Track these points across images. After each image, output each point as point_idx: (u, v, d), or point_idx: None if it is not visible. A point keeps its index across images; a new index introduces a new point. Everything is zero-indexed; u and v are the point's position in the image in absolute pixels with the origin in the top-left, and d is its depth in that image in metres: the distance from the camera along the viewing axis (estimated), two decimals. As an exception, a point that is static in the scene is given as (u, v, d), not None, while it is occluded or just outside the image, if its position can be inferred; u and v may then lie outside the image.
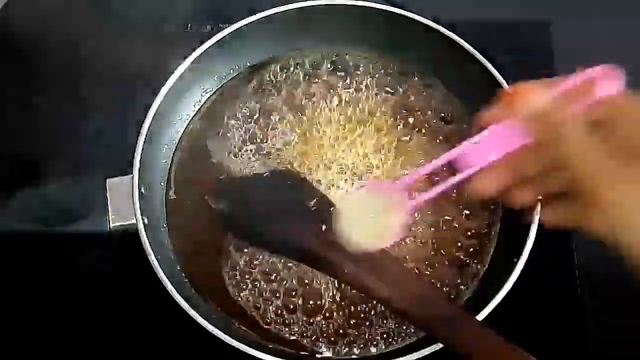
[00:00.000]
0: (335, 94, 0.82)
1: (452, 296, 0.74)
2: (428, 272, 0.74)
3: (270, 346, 0.71)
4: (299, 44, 0.85)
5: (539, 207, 0.70)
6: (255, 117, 0.82)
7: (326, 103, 0.82)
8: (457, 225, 0.76)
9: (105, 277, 0.77)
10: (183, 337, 0.74)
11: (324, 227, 0.71)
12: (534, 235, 0.70)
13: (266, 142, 0.80)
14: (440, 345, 0.66)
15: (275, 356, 0.66)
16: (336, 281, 0.73)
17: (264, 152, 0.79)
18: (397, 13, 0.80)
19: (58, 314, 0.77)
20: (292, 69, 0.84)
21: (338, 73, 0.84)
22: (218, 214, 0.76)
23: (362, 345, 0.72)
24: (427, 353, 0.66)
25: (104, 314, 0.76)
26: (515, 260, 0.69)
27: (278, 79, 0.84)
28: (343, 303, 0.73)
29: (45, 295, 0.77)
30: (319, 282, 0.74)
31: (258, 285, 0.74)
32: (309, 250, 0.71)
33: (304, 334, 0.72)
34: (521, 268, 0.69)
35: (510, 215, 0.76)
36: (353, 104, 0.82)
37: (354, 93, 0.82)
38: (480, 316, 0.67)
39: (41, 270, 0.78)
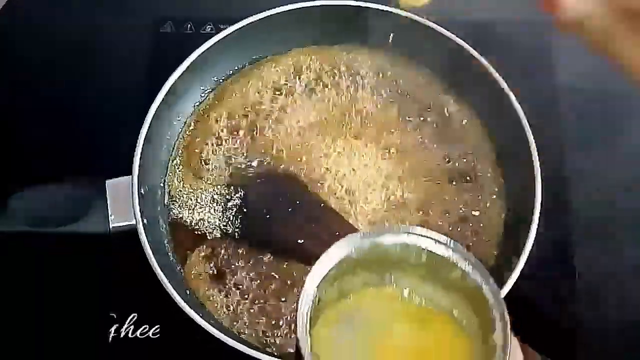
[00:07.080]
0: (336, 93, 0.82)
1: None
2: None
3: (268, 349, 0.71)
4: (299, 43, 0.85)
5: (538, 210, 0.70)
6: (255, 117, 0.82)
7: (326, 102, 0.82)
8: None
9: (105, 277, 0.77)
10: (182, 336, 0.74)
11: (315, 224, 0.71)
12: (534, 235, 0.70)
13: (264, 142, 0.80)
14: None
15: (274, 356, 0.66)
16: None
17: (262, 152, 0.79)
18: (402, 15, 0.80)
19: (58, 314, 0.77)
20: (291, 68, 0.84)
21: (338, 72, 0.84)
22: None
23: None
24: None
25: (103, 313, 0.76)
26: (515, 260, 0.70)
27: (277, 79, 0.84)
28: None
29: (45, 295, 0.77)
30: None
31: (253, 286, 0.74)
32: (301, 248, 0.72)
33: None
34: (521, 268, 0.69)
35: (511, 216, 0.76)
36: (354, 102, 0.82)
37: (354, 92, 0.83)
38: (480, 316, 0.67)
39: (41, 270, 0.78)
